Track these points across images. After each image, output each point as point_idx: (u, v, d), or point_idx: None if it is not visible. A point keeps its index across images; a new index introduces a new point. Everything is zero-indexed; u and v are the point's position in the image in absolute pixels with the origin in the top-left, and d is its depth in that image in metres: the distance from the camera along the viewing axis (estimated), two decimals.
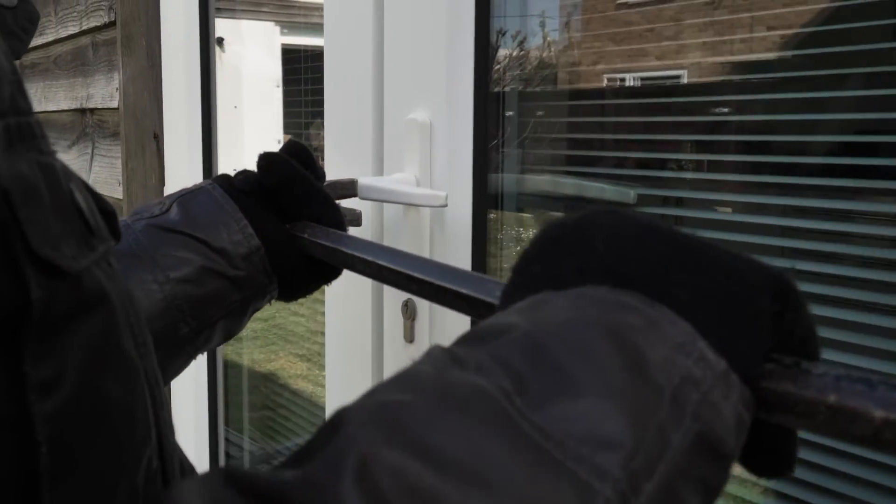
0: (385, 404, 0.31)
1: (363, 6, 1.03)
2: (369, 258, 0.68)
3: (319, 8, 1.11)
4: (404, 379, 0.34)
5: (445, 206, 0.86)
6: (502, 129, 1.04)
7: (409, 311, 0.98)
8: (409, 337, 0.99)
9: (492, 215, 1.02)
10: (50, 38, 2.05)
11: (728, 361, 0.36)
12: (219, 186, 0.76)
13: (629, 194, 0.94)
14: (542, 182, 1.05)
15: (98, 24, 1.74)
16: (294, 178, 0.77)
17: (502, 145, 1.04)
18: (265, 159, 0.78)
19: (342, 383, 1.13)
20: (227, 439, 1.81)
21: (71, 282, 0.32)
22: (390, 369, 1.03)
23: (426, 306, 0.97)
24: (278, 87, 3.12)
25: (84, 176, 1.89)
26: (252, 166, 0.79)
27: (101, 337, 0.34)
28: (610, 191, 0.97)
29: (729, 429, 0.35)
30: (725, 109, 0.88)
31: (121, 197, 1.68)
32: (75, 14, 1.87)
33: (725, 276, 0.38)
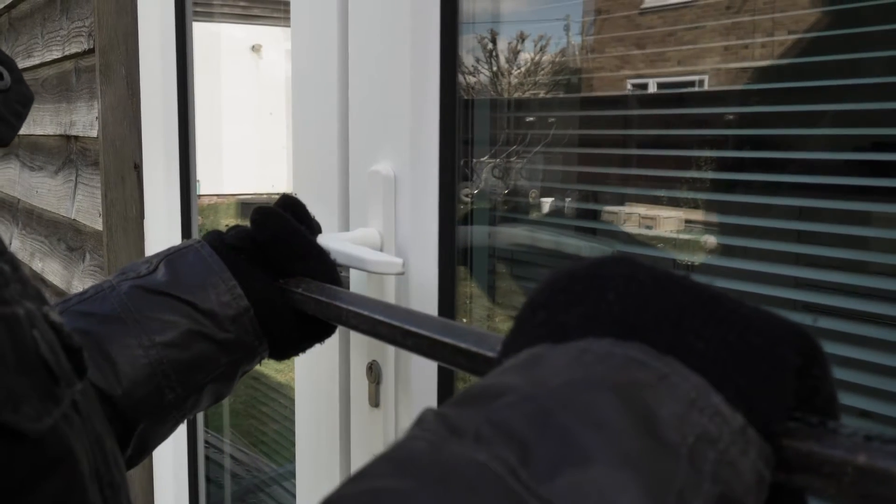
0: (378, 495, 0.28)
1: (328, 56, 0.98)
2: (364, 312, 0.66)
3: None
4: (398, 457, 0.31)
5: (402, 273, 0.80)
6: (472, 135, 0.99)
7: (373, 375, 0.93)
8: (374, 401, 0.93)
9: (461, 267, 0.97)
10: (37, 60, 2.01)
11: (745, 416, 0.33)
12: (208, 244, 0.73)
13: (606, 251, 0.89)
14: (515, 235, 1.00)
15: (79, 50, 1.69)
16: (287, 232, 0.74)
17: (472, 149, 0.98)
18: (258, 213, 0.75)
19: (311, 451, 1.08)
20: (206, 442, 1.76)
21: (33, 443, 0.31)
22: (357, 435, 0.98)
23: (391, 369, 0.91)
24: None
25: (68, 205, 1.85)
26: (278, 170, 0.76)
27: (64, 494, 0.33)
28: (586, 246, 0.91)
29: (749, 488, 0.32)
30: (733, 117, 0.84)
31: (101, 228, 1.64)
32: (58, 38, 1.83)
33: (744, 326, 0.35)
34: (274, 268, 0.74)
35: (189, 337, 0.68)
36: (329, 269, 0.75)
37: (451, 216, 0.89)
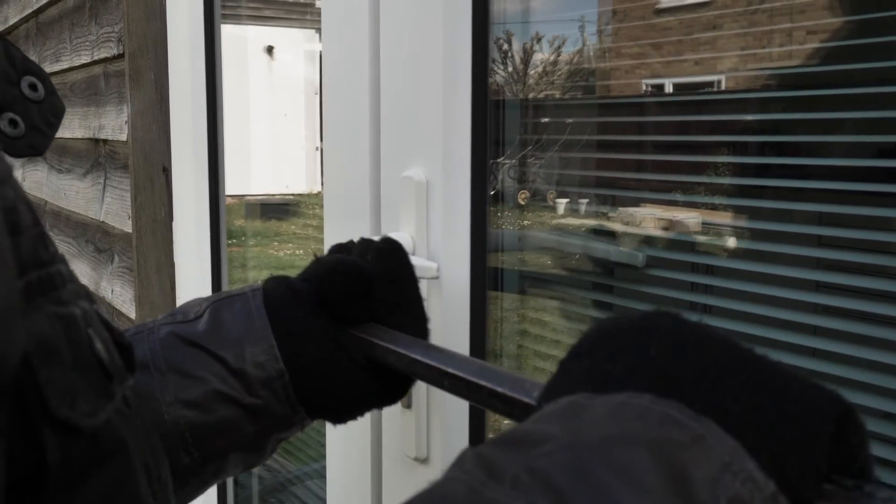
0: None
1: (360, 61, 0.99)
2: (400, 350, 0.64)
3: None
4: (436, 499, 0.31)
5: (437, 277, 0.81)
6: (502, 136, 1.00)
7: None
8: (406, 402, 0.95)
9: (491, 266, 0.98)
10: (65, 65, 2.04)
11: (778, 483, 0.34)
12: (261, 294, 0.68)
13: (637, 257, 0.89)
14: (545, 240, 1.01)
15: (108, 55, 1.72)
16: (403, 275, 0.69)
17: (503, 148, 0.99)
18: (387, 243, 0.70)
19: (341, 451, 1.09)
20: None
21: (88, 438, 0.32)
22: (389, 436, 0.99)
23: None
24: (317, 93, 3.12)
25: (97, 207, 1.87)
26: (292, 171, 0.73)
27: (117, 485, 0.34)
28: (616, 252, 0.92)
29: None
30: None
31: (130, 230, 1.66)
32: (87, 43, 1.85)
33: (781, 392, 0.36)
34: (368, 311, 0.68)
35: (213, 398, 0.64)
36: (422, 328, 0.70)
37: (482, 220, 0.90)
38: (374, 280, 0.68)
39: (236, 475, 0.71)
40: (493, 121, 0.91)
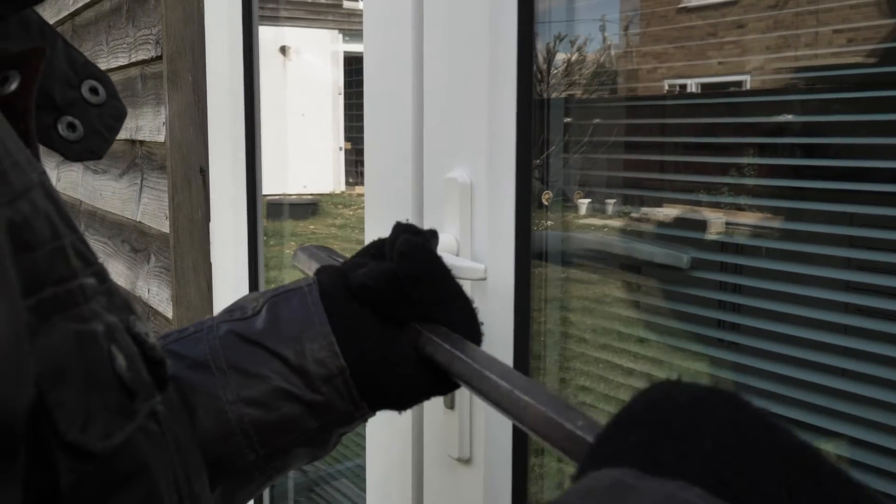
0: None
1: (402, 63, 0.99)
2: (447, 346, 0.64)
3: None
4: None
5: (484, 279, 0.82)
6: (547, 136, 1.00)
7: None
8: (450, 403, 0.95)
9: (536, 270, 0.98)
10: (102, 67, 2.06)
11: None
12: (317, 289, 0.68)
13: (682, 259, 0.89)
14: (589, 241, 1.01)
15: (146, 57, 1.74)
16: (436, 273, 0.67)
17: (546, 148, 0.99)
18: (408, 246, 0.67)
19: (382, 450, 1.10)
20: None
21: (103, 460, 0.31)
22: (431, 436, 1.00)
23: None
24: (340, 94, 3.13)
25: (133, 207, 1.89)
26: (311, 171, 0.71)
27: None
28: (661, 254, 0.92)
29: None
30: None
31: (167, 231, 1.68)
32: (125, 46, 1.87)
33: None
34: (412, 310, 0.67)
35: (275, 395, 0.64)
36: (469, 319, 0.68)
37: (526, 221, 0.90)
38: (405, 282, 0.66)
39: (301, 466, 0.70)
40: (538, 122, 0.91)
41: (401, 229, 0.71)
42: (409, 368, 0.66)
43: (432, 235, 0.74)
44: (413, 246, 0.67)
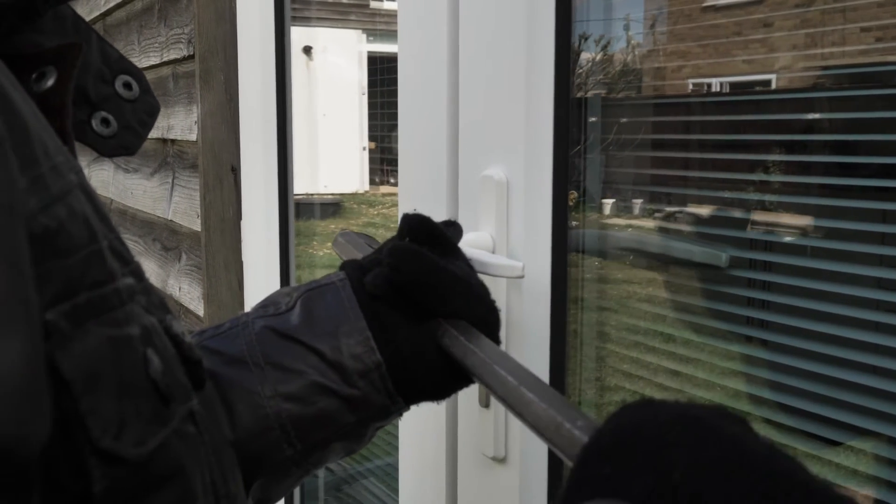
0: None
1: (438, 59, 0.99)
2: (463, 341, 0.65)
3: None
4: None
5: (522, 277, 0.81)
6: (584, 135, 0.99)
7: None
8: (485, 402, 0.95)
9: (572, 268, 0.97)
10: None
11: None
12: (349, 284, 0.68)
13: (721, 257, 0.88)
14: (626, 239, 1.00)
15: (178, 56, 1.75)
16: (428, 274, 0.66)
17: (585, 151, 0.99)
18: (394, 255, 0.67)
19: (415, 448, 1.10)
20: None
21: (137, 465, 0.31)
22: (465, 435, 0.99)
23: None
24: (364, 94, 3.14)
25: (165, 206, 1.91)
26: (334, 171, 0.72)
27: None
28: (699, 252, 0.91)
29: None
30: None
31: (199, 229, 1.69)
32: (156, 45, 1.89)
33: None
34: (422, 309, 0.67)
35: (312, 390, 0.64)
36: (474, 305, 0.68)
37: (563, 220, 0.90)
38: (404, 290, 0.67)
39: (337, 461, 0.71)
40: (576, 120, 0.91)
41: (405, 223, 0.71)
42: (440, 360, 0.67)
43: (448, 225, 0.75)
44: (400, 256, 0.67)
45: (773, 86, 0.89)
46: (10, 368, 0.24)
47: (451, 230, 0.74)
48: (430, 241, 0.70)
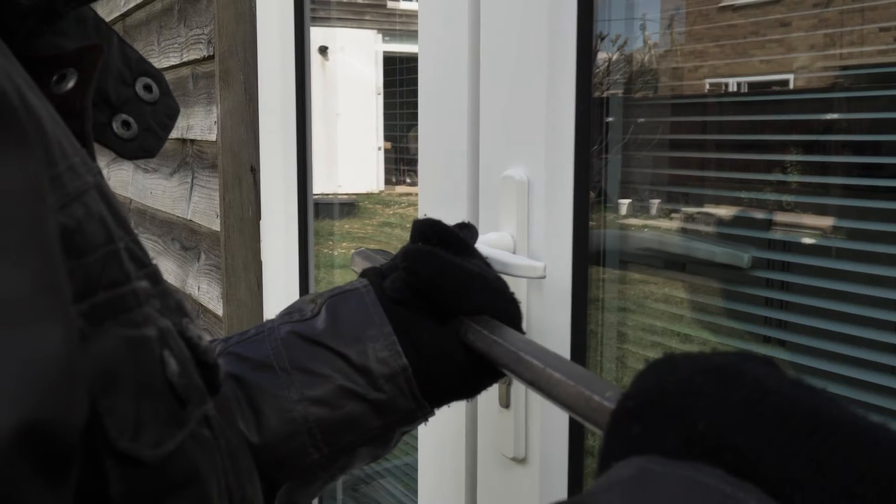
0: None
1: (458, 59, 0.99)
2: (485, 332, 0.65)
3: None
4: None
5: (544, 277, 0.81)
6: (605, 135, 0.99)
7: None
8: (505, 402, 0.95)
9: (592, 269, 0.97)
10: None
11: None
12: (372, 289, 0.69)
13: (742, 258, 0.88)
14: (647, 240, 1.00)
15: (197, 56, 1.76)
16: (444, 274, 0.66)
17: (605, 150, 0.99)
18: (409, 259, 0.67)
19: (435, 448, 1.10)
20: None
21: (154, 468, 0.31)
22: (485, 435, 0.99)
23: None
24: (379, 94, 3.14)
25: (184, 206, 1.92)
26: (351, 173, 0.72)
27: None
28: (721, 253, 0.90)
29: None
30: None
31: (218, 229, 1.70)
32: (176, 45, 1.90)
33: (867, 452, 0.32)
34: (442, 309, 0.67)
35: (339, 394, 0.64)
36: (494, 298, 0.68)
37: (584, 220, 0.90)
38: (422, 291, 0.67)
39: (362, 466, 0.71)
40: (597, 120, 0.91)
41: (416, 228, 0.71)
42: (466, 358, 0.67)
43: (463, 227, 0.75)
44: (415, 258, 0.67)
45: (791, 86, 0.89)
46: (54, 353, 0.25)
47: (466, 232, 0.75)
48: (443, 242, 0.70)
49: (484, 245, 0.87)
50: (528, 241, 0.91)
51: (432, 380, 0.67)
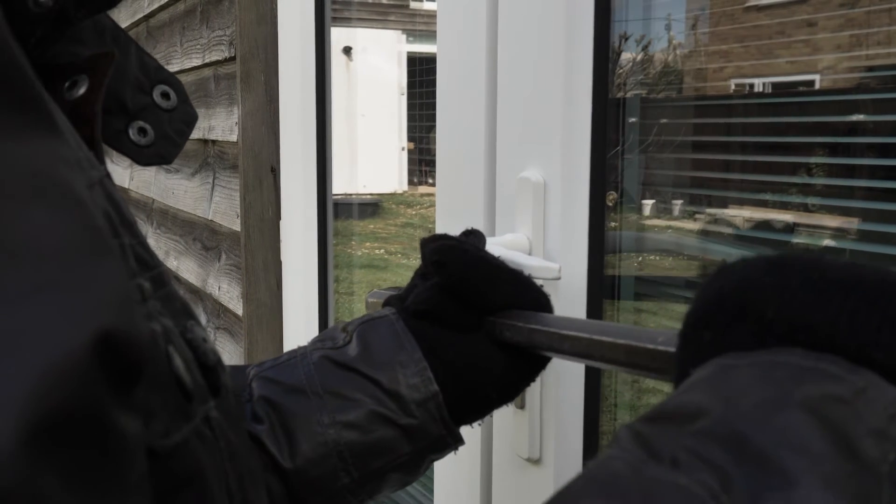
0: None
1: (476, 61, 0.99)
2: (518, 324, 0.66)
3: None
4: (601, 478, 0.32)
5: (559, 278, 0.81)
6: (624, 136, 0.99)
7: None
8: (520, 402, 0.95)
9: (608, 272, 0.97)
10: (175, 67, 2.11)
11: None
12: (401, 317, 0.69)
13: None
14: (663, 242, 0.99)
15: (219, 58, 1.77)
16: (474, 265, 0.67)
17: (624, 152, 0.98)
18: (438, 253, 0.67)
19: None
20: None
21: (161, 460, 0.31)
22: (500, 437, 0.99)
23: None
24: (403, 94, 3.15)
25: (205, 206, 1.93)
26: (374, 173, 0.72)
27: None
28: (736, 255, 0.90)
29: None
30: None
31: (238, 229, 1.71)
32: (199, 47, 1.91)
33: None
34: (472, 310, 0.68)
35: (371, 419, 0.65)
36: (523, 290, 0.69)
37: (600, 222, 0.89)
38: (454, 289, 0.68)
39: (391, 492, 0.72)
40: (613, 121, 0.91)
41: (424, 245, 0.71)
42: (499, 365, 0.68)
43: (469, 234, 0.75)
44: (442, 251, 0.68)
45: (817, 86, 0.88)
46: (116, 278, 0.27)
47: (472, 238, 0.75)
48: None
49: (499, 246, 0.87)
50: (543, 242, 0.91)
51: (466, 395, 0.68)
